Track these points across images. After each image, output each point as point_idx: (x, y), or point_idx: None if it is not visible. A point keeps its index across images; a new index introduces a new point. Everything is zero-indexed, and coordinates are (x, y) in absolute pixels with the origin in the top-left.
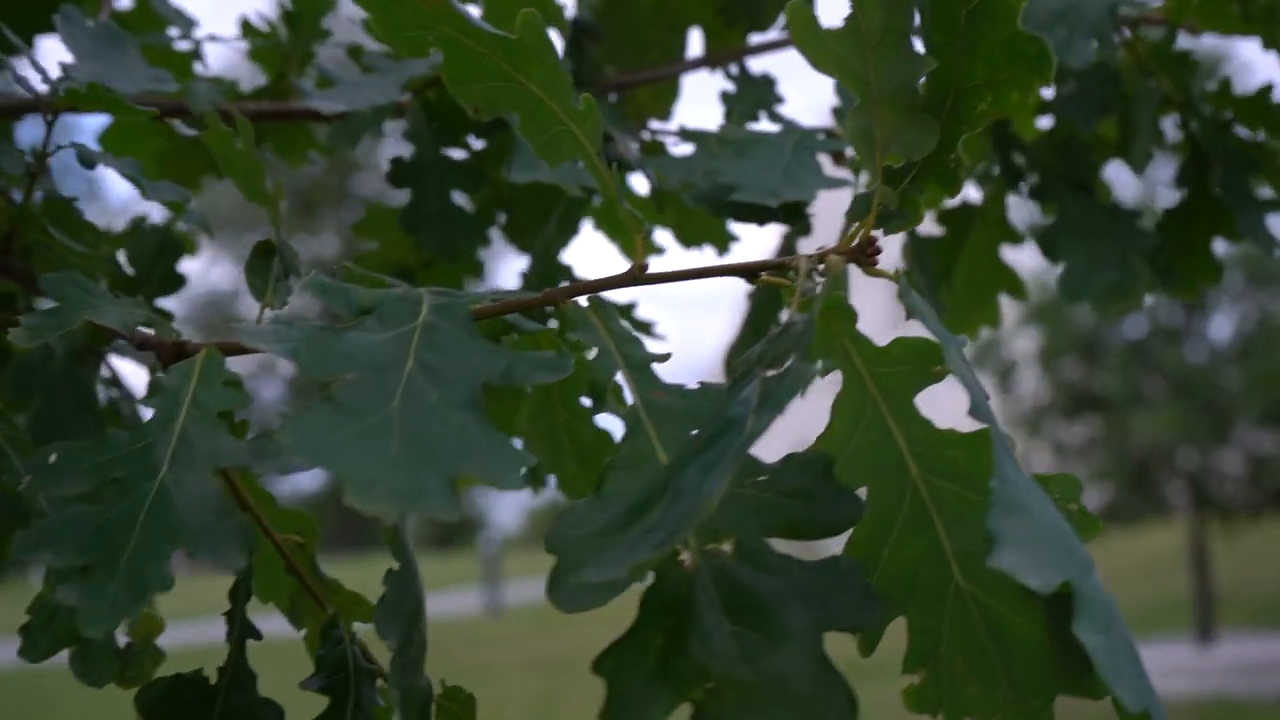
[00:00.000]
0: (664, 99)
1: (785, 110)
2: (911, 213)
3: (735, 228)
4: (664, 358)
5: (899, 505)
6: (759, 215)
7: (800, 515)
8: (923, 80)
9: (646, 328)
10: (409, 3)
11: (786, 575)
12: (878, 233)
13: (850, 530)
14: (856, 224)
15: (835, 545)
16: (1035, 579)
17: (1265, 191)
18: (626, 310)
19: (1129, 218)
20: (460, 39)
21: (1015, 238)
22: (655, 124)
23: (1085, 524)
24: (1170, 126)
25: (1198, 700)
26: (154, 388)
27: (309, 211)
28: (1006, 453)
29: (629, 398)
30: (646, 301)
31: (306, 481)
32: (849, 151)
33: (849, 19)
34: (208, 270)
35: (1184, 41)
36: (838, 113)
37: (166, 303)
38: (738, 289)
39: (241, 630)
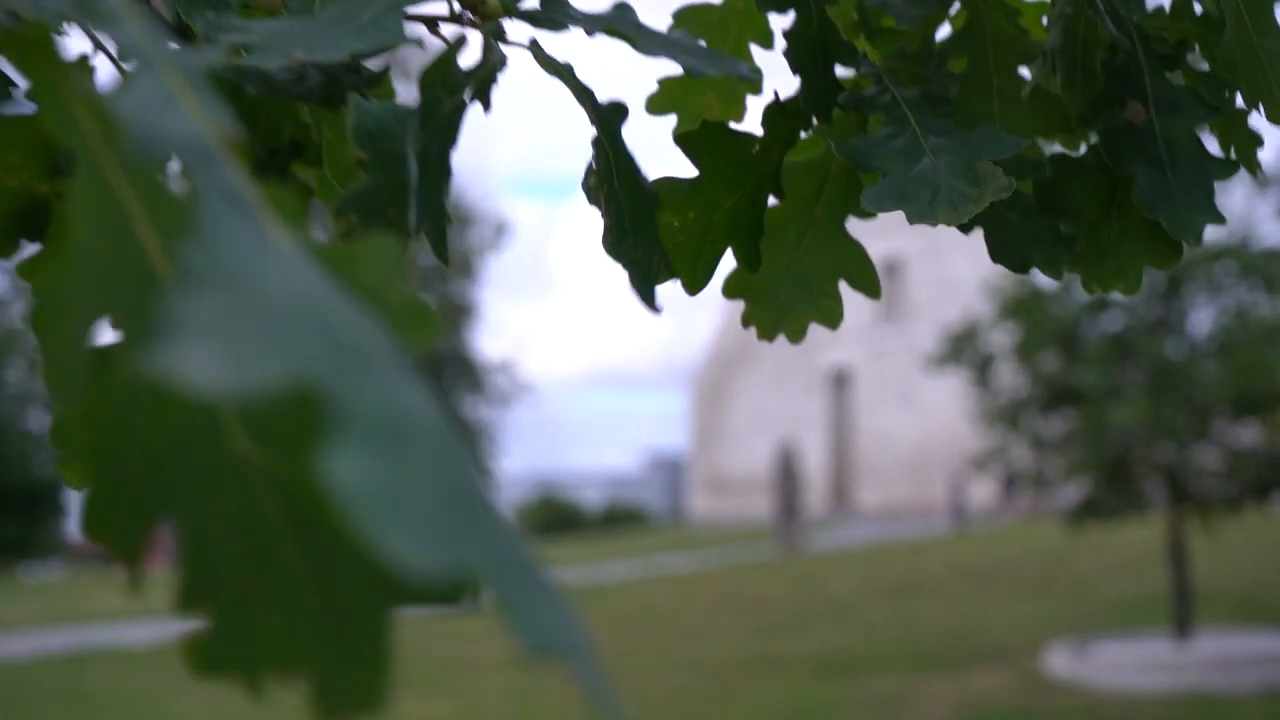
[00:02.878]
0: None
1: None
2: None
3: None
4: None
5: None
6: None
7: None
8: None
9: None
10: None
11: None
12: None
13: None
14: None
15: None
16: (216, 375)
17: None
18: None
19: (997, 134)
20: None
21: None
22: None
23: (414, 319)
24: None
25: (1175, 695)
26: None
27: None
28: (236, 211)
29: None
30: (644, 310)
31: None
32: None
33: None
34: None
35: None
36: None
37: None
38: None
39: None
